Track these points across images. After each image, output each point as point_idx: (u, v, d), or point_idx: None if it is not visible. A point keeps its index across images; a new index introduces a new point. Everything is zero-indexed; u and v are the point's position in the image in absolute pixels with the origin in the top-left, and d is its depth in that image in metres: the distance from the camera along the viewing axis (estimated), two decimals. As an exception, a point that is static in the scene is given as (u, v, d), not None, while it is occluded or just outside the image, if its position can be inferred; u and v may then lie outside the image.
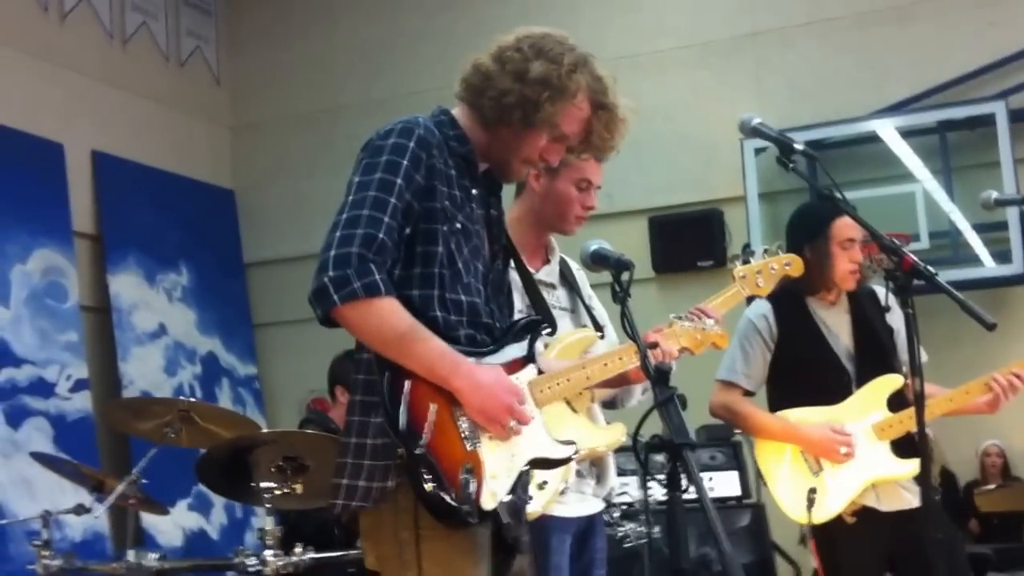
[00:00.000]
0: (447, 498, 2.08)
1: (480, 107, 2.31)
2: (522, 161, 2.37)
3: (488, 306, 2.34)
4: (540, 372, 2.35)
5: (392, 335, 2.12)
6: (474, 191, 2.34)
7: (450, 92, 2.38)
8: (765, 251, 3.05)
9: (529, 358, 2.34)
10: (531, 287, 2.59)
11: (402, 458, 2.09)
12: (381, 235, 2.13)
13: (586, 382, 2.49)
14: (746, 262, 3.01)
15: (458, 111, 2.37)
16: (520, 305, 2.64)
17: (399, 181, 2.18)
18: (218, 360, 7.41)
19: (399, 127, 2.25)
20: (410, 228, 2.21)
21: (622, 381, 2.70)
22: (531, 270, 2.96)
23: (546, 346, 2.56)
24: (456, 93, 2.37)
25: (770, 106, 6.35)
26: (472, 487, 2.10)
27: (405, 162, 2.20)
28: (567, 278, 3.10)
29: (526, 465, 2.25)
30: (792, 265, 3.06)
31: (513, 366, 2.29)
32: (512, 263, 2.58)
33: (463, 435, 2.15)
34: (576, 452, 2.36)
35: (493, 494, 2.15)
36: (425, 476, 2.07)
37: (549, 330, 2.44)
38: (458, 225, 2.26)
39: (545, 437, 2.30)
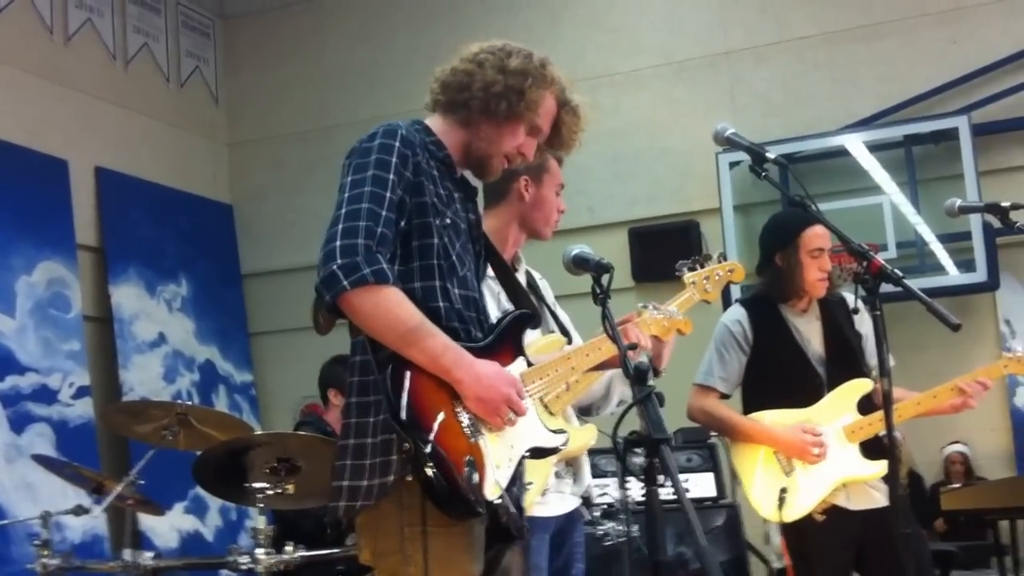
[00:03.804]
0: (456, 489, 2.10)
1: (462, 104, 2.37)
2: (503, 156, 2.43)
3: (481, 300, 2.40)
4: (529, 364, 2.41)
5: (401, 326, 2.14)
6: (456, 194, 2.40)
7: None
8: (707, 258, 3.18)
9: (518, 351, 2.40)
10: (512, 283, 2.65)
11: (407, 452, 2.11)
12: (381, 228, 2.17)
13: (572, 372, 2.59)
14: (692, 269, 3.12)
15: (431, 121, 2.43)
16: (496, 311, 2.69)
17: (391, 176, 2.23)
18: (215, 368, 7.47)
19: (382, 130, 2.31)
20: (405, 223, 2.25)
21: (603, 367, 2.78)
22: None
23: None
24: (427, 104, 2.44)
25: (744, 121, 6.42)
26: (475, 478, 2.12)
27: (394, 159, 2.25)
28: (533, 287, 3.21)
29: (525, 454, 2.31)
30: (734, 272, 3.17)
31: (503, 360, 2.32)
32: (491, 263, 2.62)
33: (464, 428, 2.18)
34: (567, 440, 2.43)
35: (496, 484, 2.19)
36: (433, 468, 2.08)
37: (534, 323, 2.50)
38: (448, 220, 2.31)
39: (540, 427, 2.37)
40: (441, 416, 2.15)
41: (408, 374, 2.14)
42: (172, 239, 7.38)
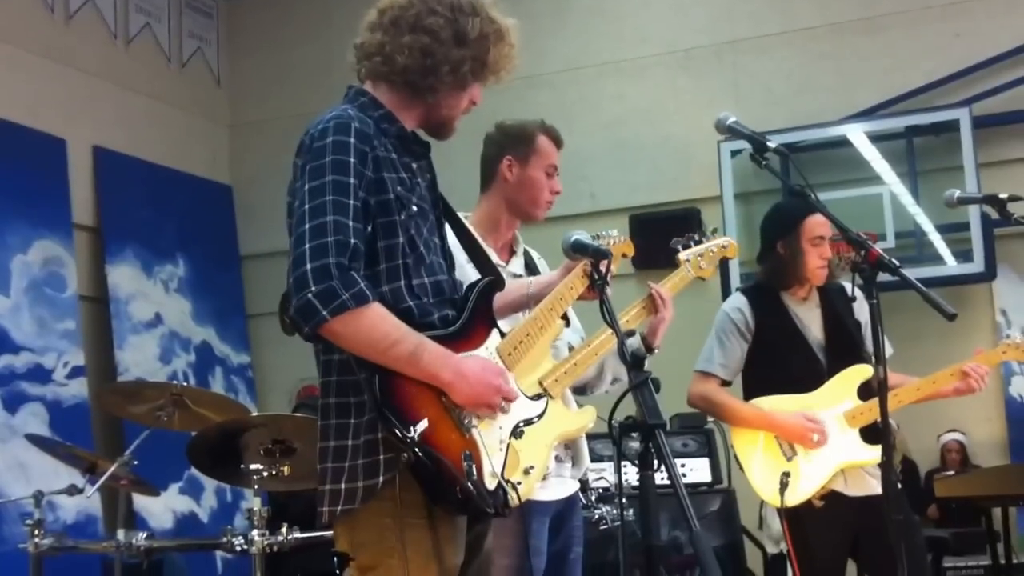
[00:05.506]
0: (455, 486, 2.08)
1: (428, 88, 2.26)
2: (462, 113, 2.36)
3: (450, 277, 2.34)
4: (502, 334, 2.37)
5: (386, 343, 2.07)
6: (414, 165, 2.30)
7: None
8: (702, 235, 3.17)
9: (491, 324, 2.35)
10: (473, 245, 2.57)
11: (406, 459, 2.07)
12: (352, 240, 2.07)
13: (542, 332, 2.52)
14: (687, 247, 3.12)
15: (378, 91, 2.30)
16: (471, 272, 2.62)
17: (352, 180, 2.11)
18: (212, 349, 7.48)
19: (333, 124, 2.16)
20: (369, 225, 2.15)
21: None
22: (501, 263, 2.99)
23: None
24: (368, 74, 2.30)
25: (746, 110, 6.37)
26: (475, 473, 2.10)
27: (352, 160, 2.13)
28: (532, 269, 3.19)
29: (516, 428, 2.28)
30: (728, 247, 3.17)
31: (479, 337, 2.29)
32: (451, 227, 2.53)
33: (458, 424, 2.15)
34: (546, 405, 2.40)
35: (493, 474, 2.17)
36: (429, 466, 2.06)
37: (501, 287, 2.46)
38: (414, 208, 2.22)
39: (521, 398, 2.32)
40: (432, 412, 2.12)
41: (394, 373, 2.10)
42: (170, 219, 7.38)
